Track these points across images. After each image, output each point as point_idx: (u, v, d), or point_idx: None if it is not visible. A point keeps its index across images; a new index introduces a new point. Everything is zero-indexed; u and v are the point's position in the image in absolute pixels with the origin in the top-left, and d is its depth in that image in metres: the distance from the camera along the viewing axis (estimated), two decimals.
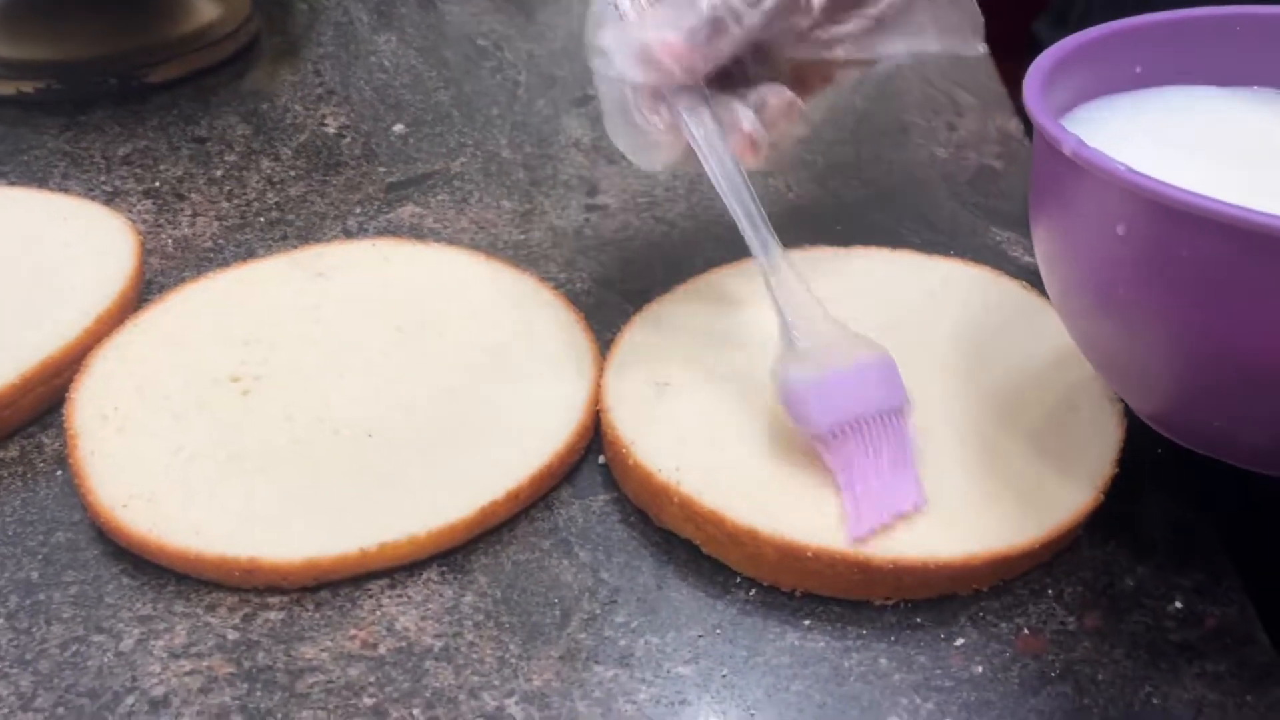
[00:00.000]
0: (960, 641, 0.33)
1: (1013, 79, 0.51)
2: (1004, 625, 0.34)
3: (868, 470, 0.35)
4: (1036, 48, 0.35)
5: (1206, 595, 0.35)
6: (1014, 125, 0.61)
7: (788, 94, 0.38)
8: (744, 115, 0.38)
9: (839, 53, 0.39)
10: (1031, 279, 0.47)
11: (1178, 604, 0.34)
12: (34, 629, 0.34)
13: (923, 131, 0.61)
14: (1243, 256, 0.26)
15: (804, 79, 0.40)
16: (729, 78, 0.38)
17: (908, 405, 0.37)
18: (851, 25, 0.38)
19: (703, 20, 0.36)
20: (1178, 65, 0.36)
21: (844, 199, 0.55)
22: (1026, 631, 0.34)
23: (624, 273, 0.50)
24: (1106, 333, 0.32)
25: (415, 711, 0.32)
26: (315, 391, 0.41)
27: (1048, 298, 0.44)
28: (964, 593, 0.35)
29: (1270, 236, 0.25)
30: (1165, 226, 0.27)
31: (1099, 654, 0.33)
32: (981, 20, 0.41)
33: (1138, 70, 0.36)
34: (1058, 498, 0.36)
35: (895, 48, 0.39)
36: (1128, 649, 0.33)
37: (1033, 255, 0.50)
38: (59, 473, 0.40)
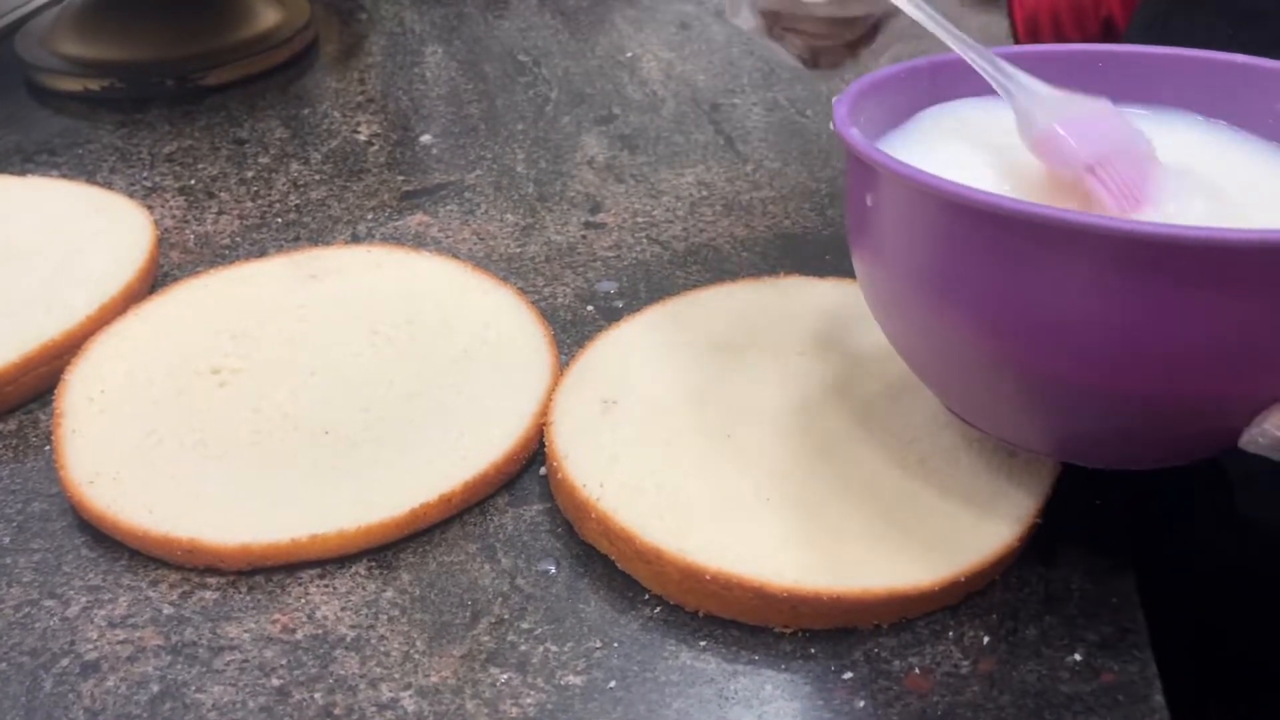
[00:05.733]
0: (849, 675, 0.34)
1: None
2: (897, 663, 0.34)
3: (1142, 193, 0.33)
4: None
5: (1109, 650, 0.34)
6: None
7: None
8: None
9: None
10: None
11: (1077, 656, 0.34)
12: None
13: None
14: (971, 235, 0.29)
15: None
16: None
17: (1151, 149, 0.34)
18: None
19: None
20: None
21: (840, 229, 0.56)
22: (917, 671, 0.34)
23: (606, 290, 0.52)
24: (882, 316, 0.35)
25: (316, 695, 0.34)
26: (285, 387, 0.43)
27: None
28: (864, 627, 0.35)
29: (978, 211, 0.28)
30: (905, 200, 0.31)
31: (985, 699, 0.33)
32: None
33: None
34: (968, 543, 0.36)
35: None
36: (1015, 696, 0.33)
37: None
38: (47, 448, 0.43)
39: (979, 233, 0.29)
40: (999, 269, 0.29)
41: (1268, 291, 0.27)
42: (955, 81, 0.38)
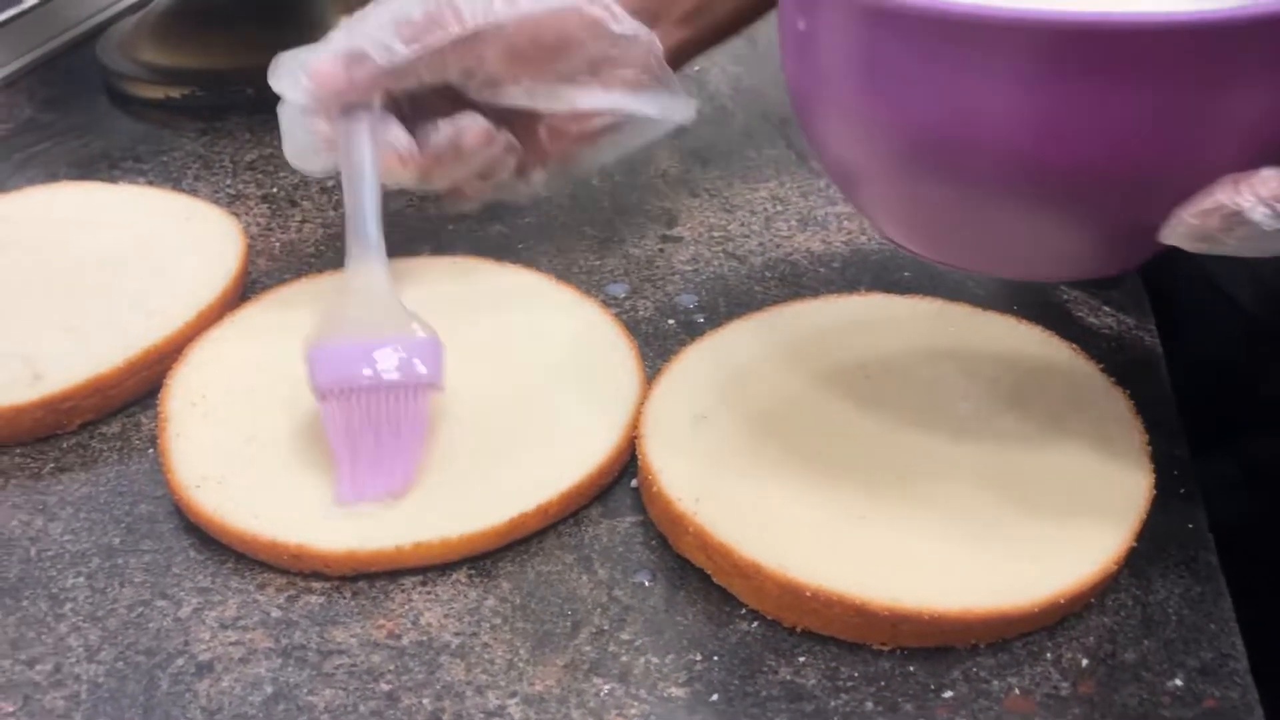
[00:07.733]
0: (949, 694, 0.34)
1: None
2: (996, 683, 0.35)
3: (364, 441, 0.39)
4: None
5: (1210, 676, 0.34)
6: None
7: (481, 123, 0.45)
8: (398, 135, 0.44)
9: (538, 103, 0.45)
10: (1092, 343, 0.47)
11: (1178, 681, 0.34)
12: (109, 590, 0.38)
13: None
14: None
15: (557, 135, 0.47)
16: (428, 108, 0.45)
17: (434, 389, 0.40)
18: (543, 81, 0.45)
19: (348, 49, 0.43)
20: None
21: None
22: (1017, 692, 0.34)
23: (687, 303, 0.52)
24: (822, 142, 0.37)
25: (425, 701, 0.34)
26: None
27: (1098, 363, 0.44)
28: (962, 646, 0.36)
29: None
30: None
31: None
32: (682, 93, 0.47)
33: None
34: (1068, 564, 0.36)
35: (592, 103, 0.45)
36: None
37: (1098, 318, 0.50)
38: (150, 451, 0.44)
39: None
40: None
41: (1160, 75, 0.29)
42: None
